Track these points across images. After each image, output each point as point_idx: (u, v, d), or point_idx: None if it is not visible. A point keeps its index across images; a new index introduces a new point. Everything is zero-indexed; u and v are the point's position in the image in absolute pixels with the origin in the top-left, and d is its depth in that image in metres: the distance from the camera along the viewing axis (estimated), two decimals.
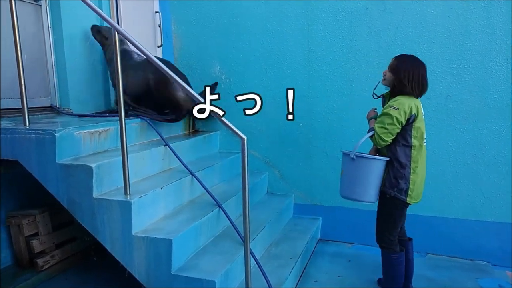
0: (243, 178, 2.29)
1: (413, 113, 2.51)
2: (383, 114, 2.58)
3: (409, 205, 2.68)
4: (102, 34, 3.76)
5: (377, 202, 2.75)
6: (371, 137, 2.64)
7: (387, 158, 2.63)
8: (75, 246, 3.64)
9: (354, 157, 2.64)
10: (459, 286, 3.05)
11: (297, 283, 3.12)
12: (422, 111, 2.63)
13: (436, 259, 3.53)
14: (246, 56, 4.06)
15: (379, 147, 2.67)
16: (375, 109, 2.89)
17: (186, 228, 2.55)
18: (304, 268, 3.37)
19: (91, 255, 3.71)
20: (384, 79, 2.70)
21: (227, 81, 4.14)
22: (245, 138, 2.29)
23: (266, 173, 4.09)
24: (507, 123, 3.32)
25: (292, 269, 2.92)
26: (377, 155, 2.73)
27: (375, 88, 2.81)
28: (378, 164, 2.64)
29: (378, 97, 2.83)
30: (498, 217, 3.41)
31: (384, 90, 2.81)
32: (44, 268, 3.31)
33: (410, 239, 2.91)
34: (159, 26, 4.31)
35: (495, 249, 3.43)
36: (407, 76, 2.54)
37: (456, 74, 3.41)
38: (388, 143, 2.59)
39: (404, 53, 2.67)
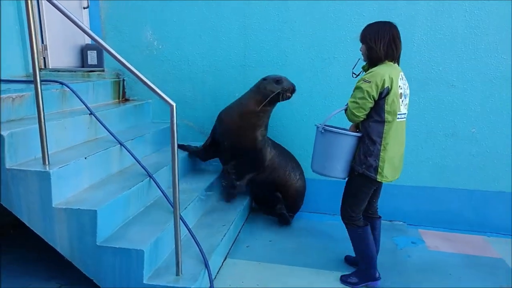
0: (172, 146, 2.24)
1: (385, 86, 2.34)
2: (356, 87, 2.44)
3: (381, 183, 2.62)
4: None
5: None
6: (346, 112, 2.53)
7: (358, 134, 2.52)
8: None
9: (323, 131, 2.59)
10: None
11: (230, 248, 3.18)
12: (401, 82, 2.44)
13: None
14: (180, 21, 3.89)
15: (352, 122, 2.59)
16: None
17: (113, 199, 2.47)
18: (237, 235, 3.44)
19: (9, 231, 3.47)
20: (362, 55, 2.56)
21: (160, 47, 3.95)
22: (174, 104, 2.22)
23: (201, 143, 4.03)
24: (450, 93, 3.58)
25: (224, 236, 2.97)
26: (358, 131, 2.59)
27: (354, 67, 2.65)
28: (347, 140, 2.53)
29: (358, 75, 2.66)
30: (414, 181, 3.72)
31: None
32: None
33: (379, 217, 2.86)
34: None
35: (411, 211, 3.77)
36: (373, 38, 2.41)
37: None
38: (362, 119, 2.47)
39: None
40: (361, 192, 2.59)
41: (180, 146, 3.71)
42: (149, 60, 3.98)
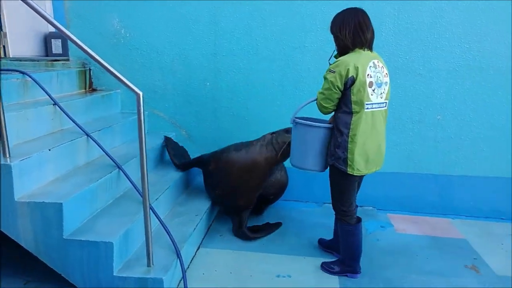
0: (140, 136, 2.20)
1: (350, 76, 2.26)
2: (324, 78, 2.39)
3: (361, 176, 2.57)
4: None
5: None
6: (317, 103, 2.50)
7: (328, 125, 2.49)
8: None
9: (294, 123, 2.57)
10: None
11: (203, 238, 3.18)
12: (372, 70, 2.34)
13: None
14: (148, 9, 3.78)
15: (323, 114, 2.52)
16: None
17: (80, 191, 2.40)
18: (211, 224, 3.44)
19: None
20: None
21: (128, 35, 3.84)
22: (141, 93, 2.18)
23: (172, 134, 3.97)
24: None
25: (196, 225, 2.95)
26: None
27: (330, 58, 2.56)
28: (317, 131, 2.50)
29: None
30: (383, 168, 3.77)
31: None
32: None
33: (355, 206, 2.73)
34: None
35: (380, 196, 3.87)
36: (338, 27, 2.36)
37: None
38: (331, 110, 2.43)
39: None
40: (340, 185, 2.53)
41: (167, 140, 3.67)
42: (116, 49, 3.87)
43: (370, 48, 2.43)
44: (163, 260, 2.44)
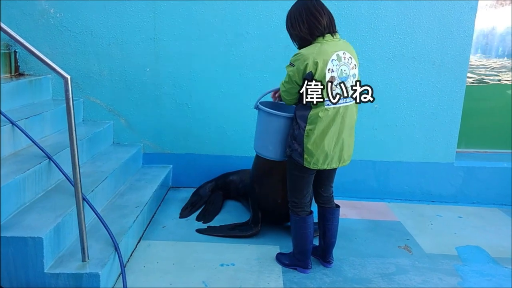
0: (69, 121, 2.07)
1: (308, 72, 2.16)
2: (286, 69, 2.32)
3: (331, 172, 2.54)
4: None
5: None
6: None
7: (289, 115, 2.40)
8: None
9: (257, 109, 2.51)
10: None
11: (145, 230, 3.07)
12: (334, 64, 2.19)
13: None
14: None
15: (287, 105, 2.45)
16: None
17: (3, 183, 2.19)
18: (153, 216, 3.33)
19: None
20: None
21: (58, 16, 3.55)
22: (68, 77, 2.03)
23: (110, 122, 3.78)
24: None
25: (136, 217, 2.83)
26: None
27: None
28: (277, 120, 2.44)
29: None
30: None
31: None
32: None
33: (336, 206, 2.70)
34: None
35: None
36: (290, 23, 2.28)
37: None
38: (293, 102, 2.36)
39: None
40: (294, 176, 2.45)
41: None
42: (45, 30, 3.57)
43: (332, 33, 2.27)
44: (100, 254, 2.31)
